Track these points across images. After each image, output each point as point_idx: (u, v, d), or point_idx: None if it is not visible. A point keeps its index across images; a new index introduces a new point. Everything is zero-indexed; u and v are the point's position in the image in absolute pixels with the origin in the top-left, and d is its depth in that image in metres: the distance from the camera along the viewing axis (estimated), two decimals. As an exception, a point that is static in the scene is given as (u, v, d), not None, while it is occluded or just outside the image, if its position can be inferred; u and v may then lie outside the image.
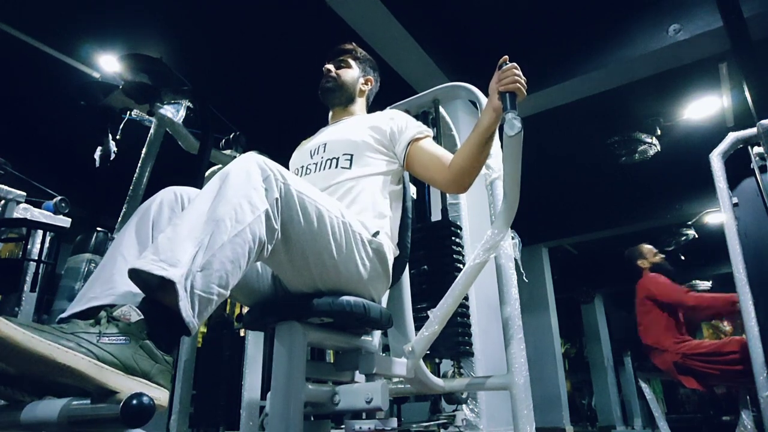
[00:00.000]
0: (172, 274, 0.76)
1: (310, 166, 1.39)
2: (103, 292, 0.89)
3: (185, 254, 0.79)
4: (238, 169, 0.92)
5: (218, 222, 0.84)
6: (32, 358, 0.66)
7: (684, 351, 2.89)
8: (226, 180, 0.90)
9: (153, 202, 1.04)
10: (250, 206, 0.88)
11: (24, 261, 1.96)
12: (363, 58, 1.59)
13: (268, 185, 0.93)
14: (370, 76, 1.60)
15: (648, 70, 3.60)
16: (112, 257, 0.95)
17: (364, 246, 1.14)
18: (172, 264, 0.77)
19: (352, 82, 1.54)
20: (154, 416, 0.68)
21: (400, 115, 1.46)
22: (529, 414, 1.27)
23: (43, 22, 3.30)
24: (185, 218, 0.85)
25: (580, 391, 9.54)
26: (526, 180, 1.27)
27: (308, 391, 1.10)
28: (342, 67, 1.54)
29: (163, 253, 0.78)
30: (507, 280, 1.43)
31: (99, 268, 0.95)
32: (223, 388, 2.85)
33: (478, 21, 3.60)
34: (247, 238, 0.86)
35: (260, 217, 0.89)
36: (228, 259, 0.83)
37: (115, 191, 2.71)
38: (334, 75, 1.52)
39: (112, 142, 2.37)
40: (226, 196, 0.87)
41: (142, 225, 1.00)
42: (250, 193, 0.89)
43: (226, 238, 0.83)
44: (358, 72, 1.56)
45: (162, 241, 0.81)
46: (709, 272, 8.28)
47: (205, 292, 0.80)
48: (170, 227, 0.84)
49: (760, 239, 2.24)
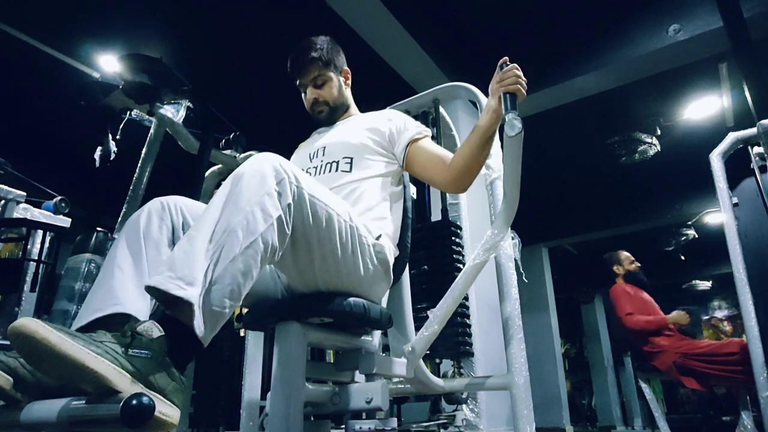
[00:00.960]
0: (190, 294, 0.77)
1: (309, 170, 1.38)
2: (105, 303, 0.89)
3: (200, 271, 0.80)
4: (253, 171, 0.90)
5: (230, 233, 0.83)
6: (63, 362, 0.67)
7: (684, 351, 2.90)
8: (239, 183, 0.89)
9: (141, 214, 1.04)
10: (262, 214, 0.87)
11: (24, 261, 1.96)
12: (329, 58, 1.44)
13: (282, 189, 0.91)
14: (345, 67, 1.51)
15: (648, 70, 3.60)
16: (109, 271, 0.96)
17: (369, 249, 1.14)
18: (189, 282, 0.78)
19: (340, 93, 1.47)
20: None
21: (398, 115, 1.44)
22: (529, 414, 1.27)
23: (43, 22, 3.31)
24: (199, 229, 0.85)
25: (580, 391, 9.55)
26: (526, 180, 1.27)
27: (308, 391, 1.10)
28: (322, 85, 1.43)
29: (180, 270, 0.78)
30: (507, 280, 1.43)
31: (97, 283, 0.96)
32: (223, 388, 2.85)
33: (478, 21, 3.60)
34: (259, 248, 0.86)
35: (273, 225, 0.88)
36: (240, 271, 0.83)
37: (115, 191, 2.70)
38: (323, 100, 1.44)
39: (112, 142, 2.36)
40: (239, 204, 0.86)
41: (132, 237, 1.00)
42: (264, 200, 0.88)
43: (238, 250, 0.83)
44: (337, 78, 1.46)
45: (178, 255, 0.81)
46: (709, 272, 8.28)
47: (218, 307, 0.81)
48: (185, 239, 0.84)
49: (760, 239, 2.24)
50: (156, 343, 0.76)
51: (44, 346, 0.66)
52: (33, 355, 0.67)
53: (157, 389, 0.74)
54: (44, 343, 0.66)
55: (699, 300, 8.93)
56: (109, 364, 0.70)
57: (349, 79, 1.52)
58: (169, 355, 0.77)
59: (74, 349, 0.68)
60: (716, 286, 8.50)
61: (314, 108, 1.46)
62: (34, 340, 0.66)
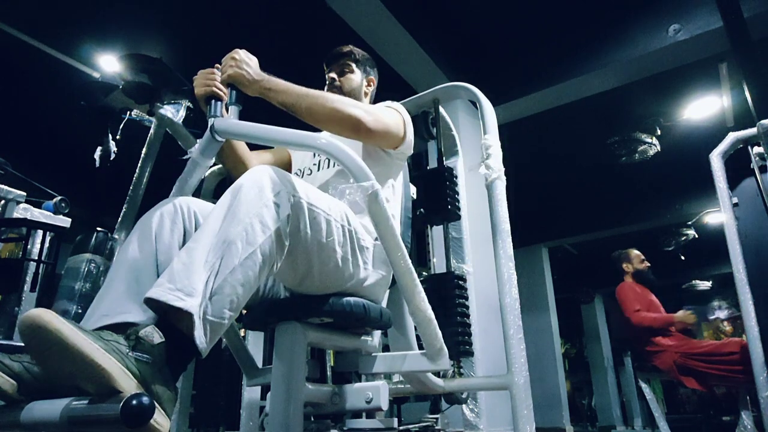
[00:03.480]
0: (189, 305, 0.77)
1: (311, 167, 1.40)
2: (113, 311, 0.89)
3: (200, 282, 0.80)
4: (251, 183, 0.91)
5: (229, 244, 0.84)
6: (72, 355, 0.67)
7: (684, 350, 2.90)
8: (237, 196, 0.89)
9: (153, 215, 1.03)
10: (261, 226, 0.88)
11: (24, 261, 1.96)
12: (362, 59, 1.55)
13: (280, 200, 0.92)
14: (371, 76, 1.58)
15: (648, 70, 3.60)
16: (119, 274, 0.95)
17: (368, 252, 1.15)
18: (189, 293, 0.78)
19: (357, 89, 1.51)
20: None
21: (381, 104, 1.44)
22: (529, 414, 1.27)
23: (43, 22, 3.30)
24: (198, 241, 0.85)
25: (580, 391, 9.55)
26: (527, 180, 1.27)
27: (308, 391, 1.10)
28: (345, 74, 1.50)
29: (179, 281, 0.79)
30: (507, 280, 1.43)
31: (106, 284, 0.95)
32: (223, 388, 2.85)
33: (478, 21, 3.59)
34: (258, 260, 0.87)
35: (271, 237, 0.89)
36: (239, 282, 0.84)
37: (115, 191, 2.70)
38: (338, 84, 1.49)
39: (112, 142, 2.36)
40: (238, 216, 0.87)
41: (144, 239, 0.99)
42: (262, 212, 0.89)
43: (237, 261, 0.84)
44: (360, 76, 1.53)
45: (177, 267, 0.81)
46: (709, 272, 8.28)
47: (217, 318, 0.81)
48: (184, 251, 0.84)
49: (760, 239, 2.24)
50: (156, 349, 0.76)
51: (56, 337, 0.66)
52: (43, 346, 0.67)
53: (155, 396, 0.73)
54: (57, 334, 0.66)
55: (699, 300, 8.93)
56: (116, 362, 0.70)
57: (371, 86, 1.57)
58: (168, 362, 0.77)
59: (85, 343, 0.68)
60: (716, 286, 8.50)
61: (327, 89, 1.49)
62: (46, 331, 0.66)
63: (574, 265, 8.06)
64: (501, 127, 1.50)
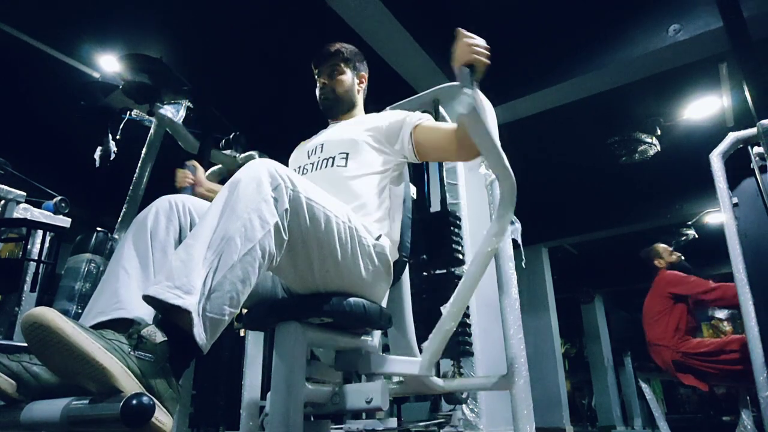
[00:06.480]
0: (188, 303, 0.77)
1: (307, 166, 1.39)
2: (109, 307, 0.89)
3: (198, 279, 0.80)
4: (249, 178, 0.90)
5: (228, 241, 0.84)
6: (74, 353, 0.67)
7: (684, 349, 2.89)
8: (235, 190, 0.89)
9: (149, 213, 1.03)
10: (260, 221, 0.87)
11: (24, 261, 1.96)
12: (351, 57, 1.53)
13: (278, 195, 0.91)
14: (362, 72, 1.56)
15: (648, 70, 3.60)
16: (114, 272, 0.95)
17: (368, 250, 1.14)
18: (187, 291, 0.78)
19: (350, 89, 1.51)
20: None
21: (396, 112, 1.45)
22: (529, 414, 1.27)
23: (43, 22, 3.30)
24: (197, 237, 0.85)
25: (580, 391, 9.54)
26: (527, 180, 1.27)
27: (308, 391, 1.10)
28: (335, 76, 1.49)
29: (178, 279, 0.79)
30: (507, 280, 1.43)
31: (102, 283, 0.95)
32: (223, 388, 2.85)
33: (478, 21, 3.58)
34: (257, 255, 0.86)
35: (270, 232, 0.88)
36: (238, 278, 0.83)
37: (115, 191, 2.70)
38: (330, 88, 1.48)
39: (112, 142, 2.37)
40: (236, 211, 0.86)
41: (139, 237, 1.00)
42: (260, 207, 0.88)
43: (236, 257, 0.83)
44: (351, 75, 1.52)
45: (175, 264, 0.81)
46: (709, 272, 8.26)
47: (217, 314, 0.81)
48: (182, 247, 0.84)
49: (760, 239, 2.24)
50: (159, 348, 0.76)
51: (58, 336, 0.66)
52: (45, 344, 0.68)
53: (156, 395, 0.74)
54: (59, 333, 0.66)
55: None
56: (117, 361, 0.70)
57: (363, 83, 1.57)
58: (170, 360, 0.77)
59: (87, 342, 0.68)
60: (716, 287, 8.49)
61: (321, 94, 1.50)
62: (49, 329, 0.66)
63: (574, 265, 8.06)
64: (501, 127, 1.50)
